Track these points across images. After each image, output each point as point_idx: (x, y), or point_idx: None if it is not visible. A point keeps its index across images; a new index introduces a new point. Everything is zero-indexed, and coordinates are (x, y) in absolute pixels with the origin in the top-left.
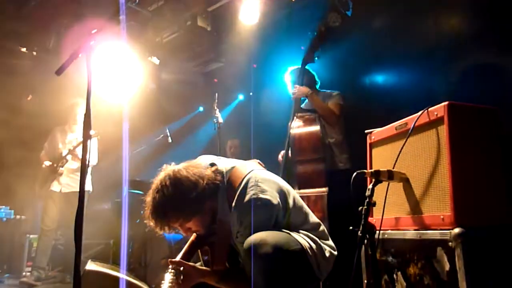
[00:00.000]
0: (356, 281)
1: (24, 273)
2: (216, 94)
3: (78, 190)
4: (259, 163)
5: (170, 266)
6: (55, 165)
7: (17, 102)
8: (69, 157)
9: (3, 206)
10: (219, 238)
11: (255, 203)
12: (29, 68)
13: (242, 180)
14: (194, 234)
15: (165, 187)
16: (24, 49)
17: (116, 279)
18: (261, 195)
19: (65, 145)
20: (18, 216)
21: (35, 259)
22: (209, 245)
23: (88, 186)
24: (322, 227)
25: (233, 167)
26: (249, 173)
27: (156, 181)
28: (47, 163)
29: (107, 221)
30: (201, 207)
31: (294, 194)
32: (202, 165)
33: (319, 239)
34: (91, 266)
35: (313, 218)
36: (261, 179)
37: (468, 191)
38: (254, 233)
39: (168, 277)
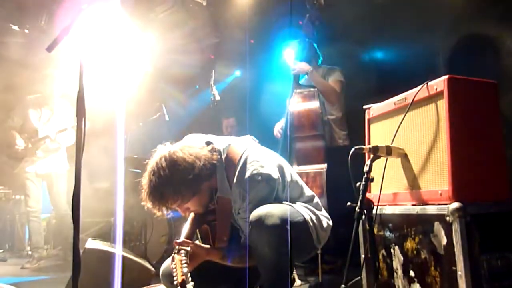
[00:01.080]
0: (353, 256)
1: (26, 252)
2: (213, 71)
3: (54, 171)
4: (253, 139)
5: (177, 247)
6: (30, 145)
7: (10, 81)
8: (47, 140)
9: (1, 186)
10: (220, 215)
11: (257, 178)
12: (21, 46)
13: (241, 156)
14: (193, 214)
15: (161, 169)
16: (16, 27)
17: (117, 256)
18: (261, 170)
19: (41, 123)
20: (17, 196)
21: (31, 241)
22: (207, 223)
23: (65, 165)
24: (316, 199)
25: (229, 145)
26: (246, 149)
27: (152, 162)
28: (20, 143)
29: (107, 199)
30: (198, 188)
31: (290, 168)
32: (197, 144)
33: (316, 210)
34: (91, 244)
35: (308, 191)
36: (259, 155)
37: (466, 166)
38: (256, 207)
39: (178, 258)
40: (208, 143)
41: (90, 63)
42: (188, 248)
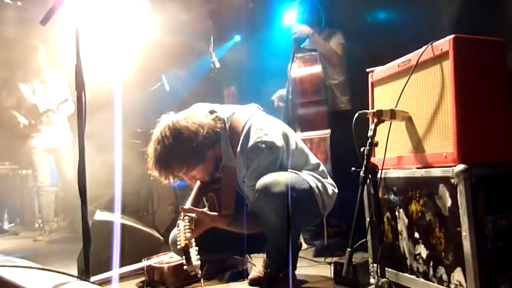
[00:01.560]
0: (359, 220)
1: (37, 225)
2: (212, 38)
3: (60, 144)
4: (257, 107)
5: (182, 214)
6: (33, 121)
7: (4, 57)
8: (49, 112)
9: (7, 162)
10: (226, 183)
11: (260, 146)
12: (14, 19)
13: (245, 124)
14: (199, 182)
15: (166, 138)
16: (8, 1)
17: (126, 226)
18: (265, 138)
19: (38, 97)
20: (24, 171)
21: (41, 215)
22: (213, 191)
23: (69, 136)
24: (322, 167)
25: (233, 113)
26: (250, 117)
27: (156, 132)
28: (22, 120)
29: (110, 171)
30: (203, 156)
31: (295, 136)
32: (201, 113)
33: (321, 177)
34: (99, 216)
35: (313, 158)
36: (263, 123)
37: (472, 128)
38: (261, 175)
39: (182, 224)
40: (211, 112)
41: (85, 33)
42: (193, 215)
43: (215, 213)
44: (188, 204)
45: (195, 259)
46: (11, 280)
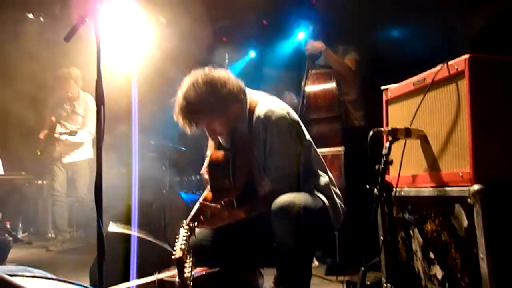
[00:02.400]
0: (372, 238)
1: (50, 235)
2: (226, 54)
3: (78, 160)
4: None
5: (185, 221)
6: (52, 134)
7: (25, 69)
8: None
9: (24, 172)
10: (240, 154)
11: (270, 116)
12: (36, 35)
13: (258, 102)
14: (207, 193)
15: (197, 83)
16: (31, 16)
17: (138, 239)
18: (275, 109)
19: (61, 118)
20: (39, 181)
21: (55, 224)
22: (225, 195)
23: (90, 154)
24: (330, 174)
25: (248, 92)
26: (262, 97)
27: (187, 80)
28: (43, 134)
29: (125, 184)
30: (227, 108)
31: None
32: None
33: (332, 185)
34: (113, 228)
35: (323, 163)
36: (274, 100)
37: (488, 147)
38: (281, 148)
39: (182, 232)
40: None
41: (104, 50)
42: (192, 224)
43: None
44: (201, 198)
45: (188, 271)
46: None
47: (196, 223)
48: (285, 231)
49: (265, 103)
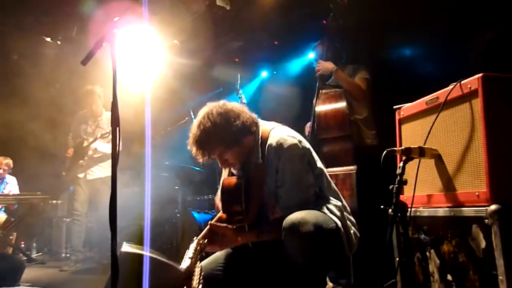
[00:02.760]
0: (388, 259)
1: (63, 255)
2: (239, 75)
3: (101, 176)
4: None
5: (194, 239)
6: (77, 153)
7: (44, 92)
8: (92, 145)
9: (39, 192)
10: (254, 182)
11: (282, 144)
12: (54, 58)
13: (270, 131)
14: (220, 214)
15: (211, 114)
16: (48, 39)
17: (151, 259)
18: (287, 138)
19: (87, 134)
20: (54, 202)
21: (71, 243)
22: (237, 222)
23: (108, 171)
24: (345, 202)
25: (261, 123)
26: (275, 127)
27: (202, 111)
28: (70, 151)
29: (138, 204)
30: (241, 139)
31: (319, 160)
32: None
33: (346, 213)
34: (126, 248)
35: (335, 189)
36: (286, 129)
37: (504, 166)
38: (292, 176)
39: (192, 247)
40: None
41: (120, 71)
42: (202, 241)
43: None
44: (213, 220)
45: (196, 282)
46: None
47: (206, 241)
48: (297, 247)
49: (277, 132)
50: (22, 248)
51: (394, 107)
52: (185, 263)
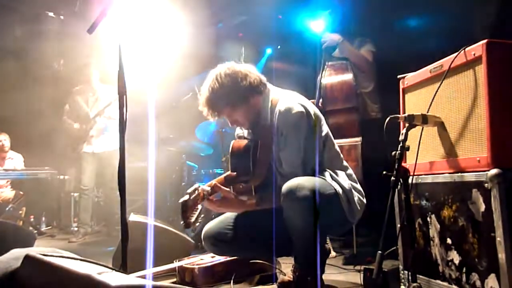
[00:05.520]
0: (389, 228)
1: (72, 228)
2: (242, 49)
3: (109, 149)
4: None
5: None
6: (84, 127)
7: (47, 67)
8: (97, 118)
9: (47, 167)
10: (262, 143)
11: (290, 109)
12: (57, 33)
13: (281, 97)
14: (229, 172)
15: (219, 76)
16: (51, 14)
17: (158, 228)
18: (296, 104)
19: (90, 106)
20: (61, 177)
21: (79, 217)
22: (244, 182)
23: (116, 145)
24: (350, 171)
25: (273, 88)
26: (286, 93)
27: (211, 72)
28: (76, 126)
29: (144, 178)
30: (248, 98)
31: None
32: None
33: (351, 181)
34: (133, 217)
35: (342, 159)
36: (297, 96)
37: (506, 132)
38: (295, 138)
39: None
40: None
41: (124, 44)
42: (208, 189)
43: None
44: (213, 182)
45: (193, 218)
46: (61, 265)
47: (208, 191)
48: (295, 212)
49: (287, 98)
50: (32, 222)
51: (398, 76)
52: (183, 198)
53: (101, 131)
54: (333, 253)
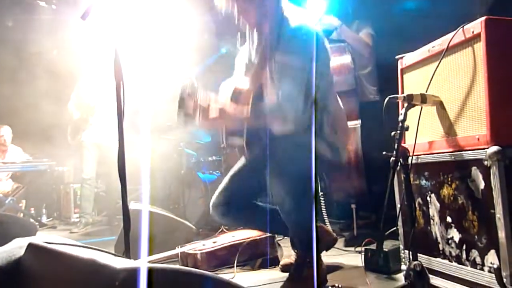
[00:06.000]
0: (389, 209)
1: (73, 220)
2: (239, 33)
3: (107, 139)
4: None
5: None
6: (84, 116)
7: (41, 56)
8: (98, 108)
9: (45, 159)
10: (263, 55)
11: (300, 30)
12: (49, 22)
13: (296, 14)
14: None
15: None
16: (43, 3)
17: (159, 216)
18: (307, 28)
19: (92, 96)
20: (60, 168)
21: (80, 206)
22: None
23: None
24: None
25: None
26: (303, 14)
27: None
28: (76, 114)
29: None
30: None
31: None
32: None
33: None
34: (134, 206)
35: None
36: (311, 23)
37: (504, 110)
38: (296, 59)
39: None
40: None
41: (117, 30)
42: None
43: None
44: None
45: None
46: (64, 251)
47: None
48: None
49: (300, 16)
50: (32, 214)
51: (397, 56)
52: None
53: (101, 120)
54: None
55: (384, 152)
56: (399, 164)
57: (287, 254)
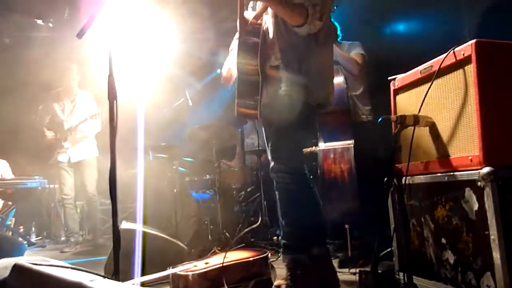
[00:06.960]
0: (383, 227)
1: (62, 238)
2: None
3: (86, 158)
4: None
5: None
6: (58, 137)
7: (37, 75)
8: (73, 124)
9: (37, 176)
10: None
11: None
12: (46, 40)
13: None
14: None
15: None
16: (40, 22)
17: (151, 235)
18: None
19: (66, 115)
20: (51, 186)
21: (67, 227)
22: None
23: (95, 152)
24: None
25: None
26: None
27: None
28: (49, 134)
29: (135, 185)
30: None
31: None
32: None
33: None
34: (125, 225)
35: None
36: None
37: (496, 130)
38: None
39: None
40: None
41: (113, 51)
42: None
43: None
44: None
45: None
46: (51, 273)
47: None
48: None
49: None
50: (21, 233)
51: (389, 78)
52: None
53: (76, 140)
54: None
55: (377, 174)
56: (393, 184)
57: (281, 274)
